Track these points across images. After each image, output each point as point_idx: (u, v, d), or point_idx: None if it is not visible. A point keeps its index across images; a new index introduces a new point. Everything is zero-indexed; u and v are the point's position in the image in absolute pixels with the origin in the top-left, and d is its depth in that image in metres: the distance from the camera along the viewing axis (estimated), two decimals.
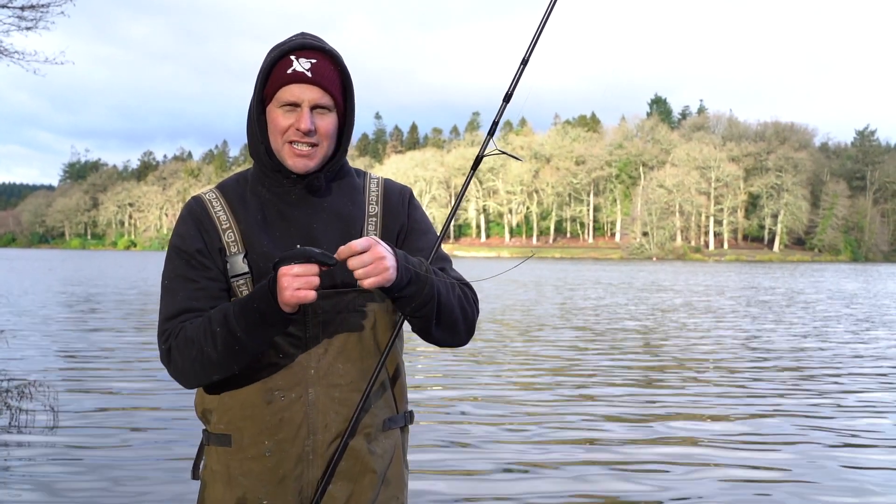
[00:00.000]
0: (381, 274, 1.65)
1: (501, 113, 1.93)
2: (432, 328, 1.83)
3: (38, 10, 9.40)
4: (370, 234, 1.89)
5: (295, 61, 1.78)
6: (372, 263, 1.64)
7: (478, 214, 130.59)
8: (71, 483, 5.29)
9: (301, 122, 1.78)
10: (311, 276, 1.62)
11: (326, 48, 1.81)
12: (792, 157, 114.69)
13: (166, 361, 1.83)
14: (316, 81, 1.78)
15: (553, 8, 1.93)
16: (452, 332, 1.88)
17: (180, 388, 1.93)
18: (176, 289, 1.84)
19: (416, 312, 1.78)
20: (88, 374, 9.73)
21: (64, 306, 20.32)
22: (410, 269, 1.72)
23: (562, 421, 7.47)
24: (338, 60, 1.82)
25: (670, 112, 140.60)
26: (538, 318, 18.44)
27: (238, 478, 1.82)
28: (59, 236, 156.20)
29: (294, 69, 1.78)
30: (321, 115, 1.81)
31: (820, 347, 13.54)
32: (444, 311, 1.82)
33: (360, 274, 1.64)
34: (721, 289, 33.25)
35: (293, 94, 1.78)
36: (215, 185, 1.96)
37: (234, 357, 1.74)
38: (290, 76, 1.78)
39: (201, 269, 1.84)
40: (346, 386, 1.82)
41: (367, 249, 1.64)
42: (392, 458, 1.91)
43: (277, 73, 1.79)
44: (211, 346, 1.73)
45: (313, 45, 1.80)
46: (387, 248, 1.68)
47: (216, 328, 1.73)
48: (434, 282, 1.78)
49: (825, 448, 6.61)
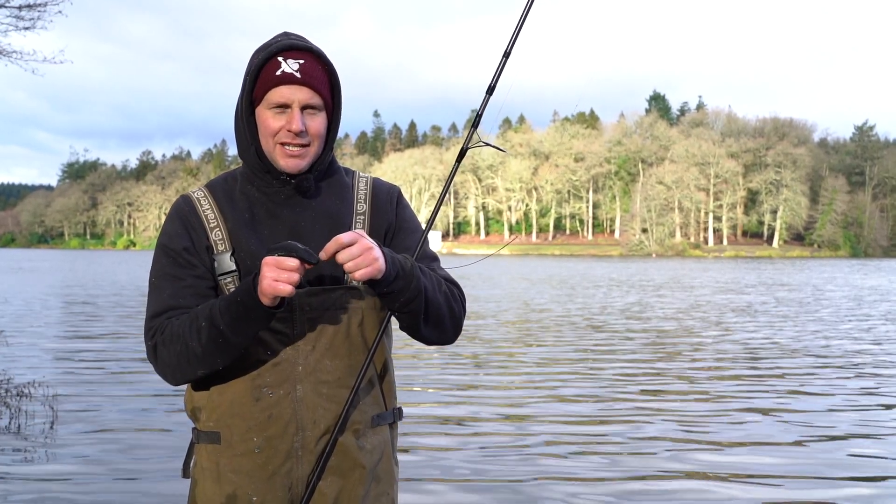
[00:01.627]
0: (372, 265, 1.66)
1: (485, 105, 1.95)
2: (420, 325, 1.84)
3: (35, 9, 9.39)
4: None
5: (283, 62, 1.79)
6: (361, 255, 1.65)
7: (477, 212, 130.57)
8: (70, 482, 5.31)
9: (292, 124, 1.79)
10: (291, 270, 1.62)
11: (314, 48, 1.83)
12: (791, 153, 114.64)
13: (152, 358, 1.84)
14: (305, 82, 1.79)
15: (532, 3, 1.94)
16: (440, 329, 1.89)
17: (180, 387, 1.95)
18: (162, 286, 1.85)
19: (403, 308, 1.79)
20: (88, 374, 9.75)
21: (63, 306, 20.33)
22: (397, 264, 1.74)
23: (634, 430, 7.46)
24: (325, 60, 1.84)
25: (669, 108, 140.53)
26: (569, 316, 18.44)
27: (228, 475, 1.83)
28: (59, 236, 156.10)
29: (283, 70, 1.78)
30: (311, 115, 1.82)
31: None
32: (431, 307, 1.83)
33: (350, 266, 1.65)
34: (753, 286, 32.45)
35: (283, 95, 1.78)
36: (204, 183, 1.98)
37: (219, 352, 1.74)
38: (280, 77, 1.78)
39: (188, 268, 1.85)
40: (334, 382, 1.84)
41: (355, 242, 1.65)
42: (381, 455, 1.92)
43: (266, 74, 1.80)
44: (196, 340, 1.74)
45: (300, 46, 1.81)
46: (371, 240, 1.69)
47: (201, 323, 1.74)
48: (420, 277, 1.79)
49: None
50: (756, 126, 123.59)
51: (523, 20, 1.94)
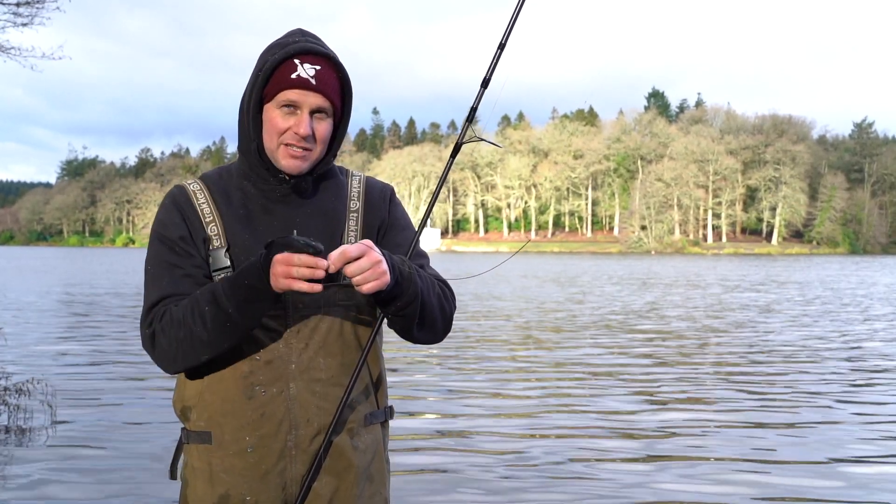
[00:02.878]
0: (380, 278, 1.66)
1: (479, 99, 1.94)
2: (413, 328, 1.84)
3: (33, 5, 9.35)
4: (351, 230, 1.91)
5: (300, 66, 1.78)
6: (370, 269, 1.64)
7: (476, 209, 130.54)
8: (69, 481, 5.30)
9: (300, 127, 1.79)
10: (317, 268, 1.61)
11: (331, 54, 1.82)
12: (790, 150, 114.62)
13: (149, 346, 1.82)
14: (320, 89, 1.79)
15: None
16: (432, 330, 1.90)
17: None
18: (160, 275, 1.84)
19: (399, 312, 1.79)
20: (88, 372, 9.73)
21: (62, 303, 20.30)
22: (397, 270, 1.73)
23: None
24: (340, 67, 1.84)
25: (668, 105, 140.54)
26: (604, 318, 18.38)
27: (220, 475, 1.82)
28: (58, 234, 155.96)
29: (299, 75, 1.77)
30: (319, 119, 1.82)
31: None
32: (426, 310, 1.83)
33: (358, 280, 1.64)
34: (764, 283, 32.01)
35: (295, 98, 1.79)
36: (199, 176, 1.97)
37: (226, 335, 1.73)
38: (295, 81, 1.77)
39: (185, 257, 1.84)
40: (328, 380, 1.83)
41: (363, 255, 1.64)
42: (374, 454, 1.92)
43: (280, 75, 1.78)
44: (200, 325, 1.72)
45: (318, 51, 1.80)
46: (379, 251, 1.68)
47: (205, 307, 1.72)
48: (417, 282, 1.79)
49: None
50: (755, 123, 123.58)
51: (517, 12, 1.93)
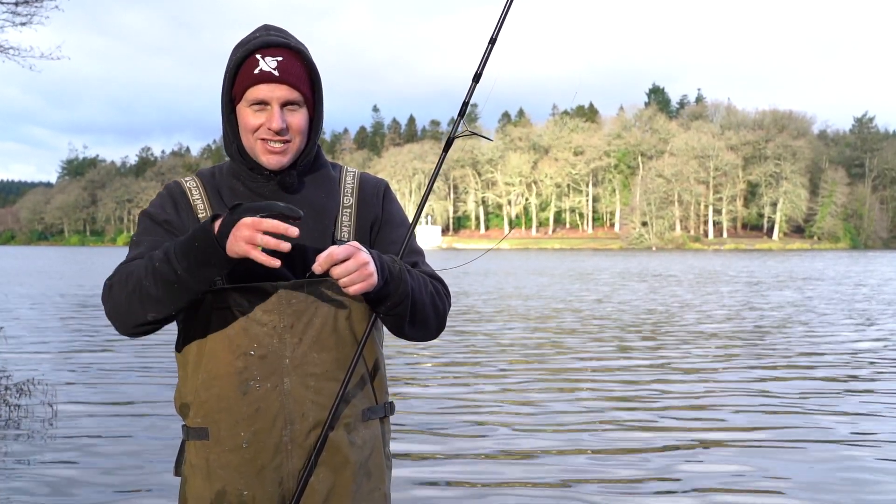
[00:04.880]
0: (367, 280, 1.67)
1: (471, 93, 1.94)
2: (405, 326, 1.85)
3: (32, 5, 9.33)
4: (345, 225, 1.91)
5: (261, 60, 1.79)
6: (357, 271, 1.65)
7: (477, 206, 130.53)
8: (69, 480, 5.30)
9: (272, 122, 1.79)
10: (282, 242, 1.59)
11: (291, 44, 1.82)
12: (790, 145, 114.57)
13: (106, 297, 1.80)
14: (284, 80, 1.79)
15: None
16: (424, 328, 1.90)
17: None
18: (140, 241, 1.85)
19: (389, 311, 1.80)
20: (87, 372, 9.74)
21: (62, 303, 20.31)
22: (386, 270, 1.75)
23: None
24: (304, 55, 1.83)
25: (668, 101, 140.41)
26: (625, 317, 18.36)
27: (217, 471, 1.82)
28: (59, 233, 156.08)
29: (261, 69, 1.78)
30: (291, 111, 1.82)
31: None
32: (417, 309, 1.84)
33: (345, 282, 1.66)
34: (794, 279, 31.68)
35: (262, 93, 1.79)
36: (195, 172, 1.99)
37: (173, 295, 1.71)
38: (258, 76, 1.78)
39: (170, 234, 1.86)
40: (322, 375, 1.83)
41: (350, 257, 1.65)
42: (372, 450, 1.91)
43: (244, 72, 1.80)
44: (151, 281, 1.70)
45: (278, 42, 1.81)
46: (366, 252, 1.69)
47: (156, 263, 1.70)
48: (408, 280, 1.80)
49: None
50: (755, 118, 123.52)
51: (507, 8, 1.93)
